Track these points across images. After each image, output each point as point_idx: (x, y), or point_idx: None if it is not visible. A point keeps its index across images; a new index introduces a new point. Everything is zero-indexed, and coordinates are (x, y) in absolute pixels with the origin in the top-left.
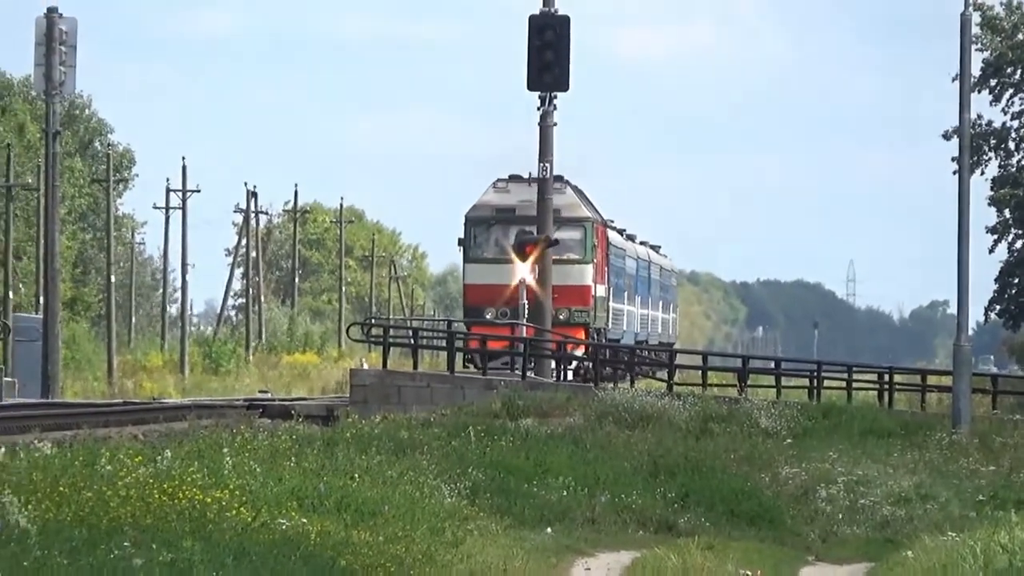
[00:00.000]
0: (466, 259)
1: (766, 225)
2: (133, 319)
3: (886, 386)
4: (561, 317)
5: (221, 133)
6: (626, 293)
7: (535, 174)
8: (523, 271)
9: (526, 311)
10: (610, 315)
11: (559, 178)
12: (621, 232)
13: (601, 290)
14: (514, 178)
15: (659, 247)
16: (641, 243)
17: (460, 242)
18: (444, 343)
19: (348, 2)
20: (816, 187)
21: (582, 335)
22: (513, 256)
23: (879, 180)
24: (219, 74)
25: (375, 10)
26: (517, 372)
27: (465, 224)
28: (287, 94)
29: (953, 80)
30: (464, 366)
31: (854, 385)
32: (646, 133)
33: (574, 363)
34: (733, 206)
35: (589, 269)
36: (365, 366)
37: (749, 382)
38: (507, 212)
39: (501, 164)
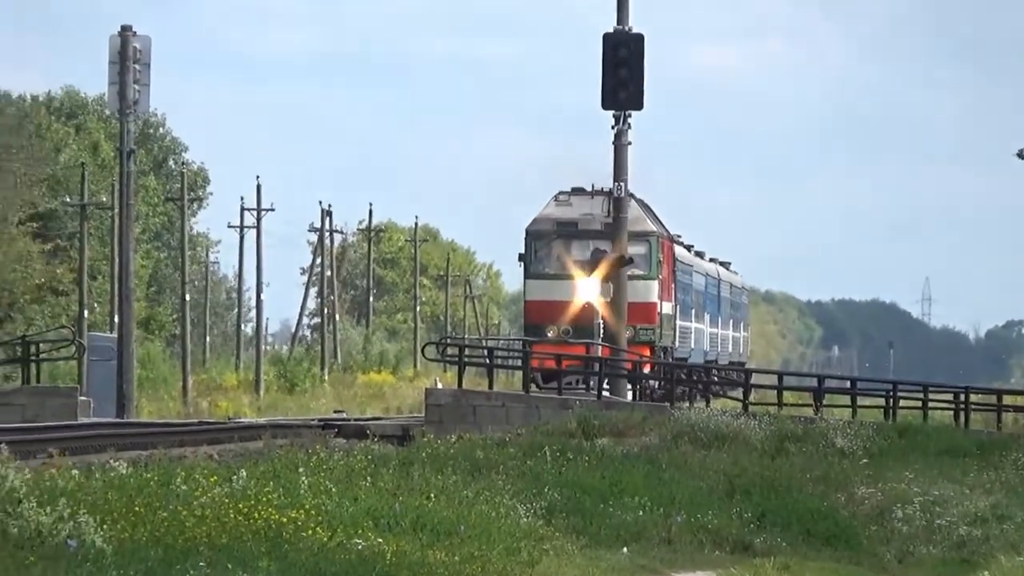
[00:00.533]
0: (527, 275)
1: (841, 244)
2: (208, 338)
3: (962, 406)
4: (626, 335)
5: (296, 152)
6: (694, 310)
7: (598, 186)
8: (587, 288)
9: (601, 330)
10: (677, 333)
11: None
12: (689, 248)
13: (667, 307)
14: (576, 191)
15: (729, 264)
16: (711, 260)
17: (520, 257)
18: (519, 362)
19: (419, 20)
20: (890, 205)
21: (647, 354)
22: (574, 272)
23: (954, 198)
24: (294, 92)
25: (446, 28)
26: (584, 390)
27: (526, 238)
28: (362, 112)
29: None
30: (525, 389)
31: (930, 405)
32: (719, 150)
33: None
34: (807, 224)
35: (655, 285)
36: (440, 386)
37: (825, 402)
38: (569, 226)
39: (575, 182)
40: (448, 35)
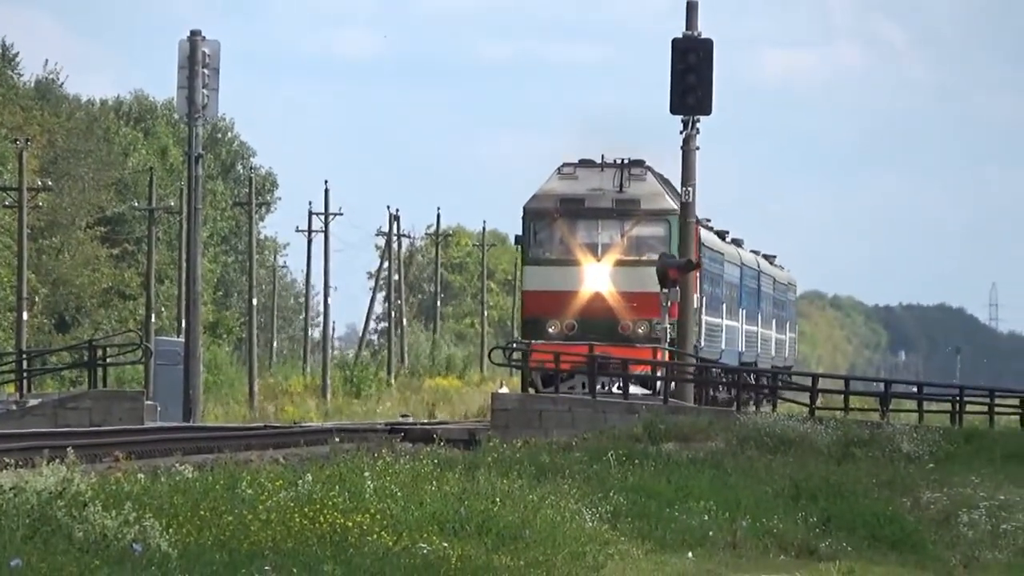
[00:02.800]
0: (525, 260)
1: (908, 249)
2: (275, 343)
3: None
4: (640, 331)
5: (363, 156)
6: (725, 305)
7: (609, 158)
8: (596, 275)
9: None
10: (703, 330)
11: (639, 163)
12: (722, 235)
13: (692, 299)
14: (584, 163)
15: (774, 257)
16: (751, 251)
17: (517, 240)
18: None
19: (486, 25)
20: (957, 210)
21: (663, 353)
22: (581, 256)
23: (1021, 203)
24: (361, 96)
25: (514, 32)
26: (584, 392)
27: (524, 217)
28: (430, 116)
29: None
30: (523, 389)
31: (996, 409)
32: (786, 155)
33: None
34: (875, 229)
35: None
36: (506, 390)
37: (891, 406)
38: (574, 203)
39: None
40: (515, 39)
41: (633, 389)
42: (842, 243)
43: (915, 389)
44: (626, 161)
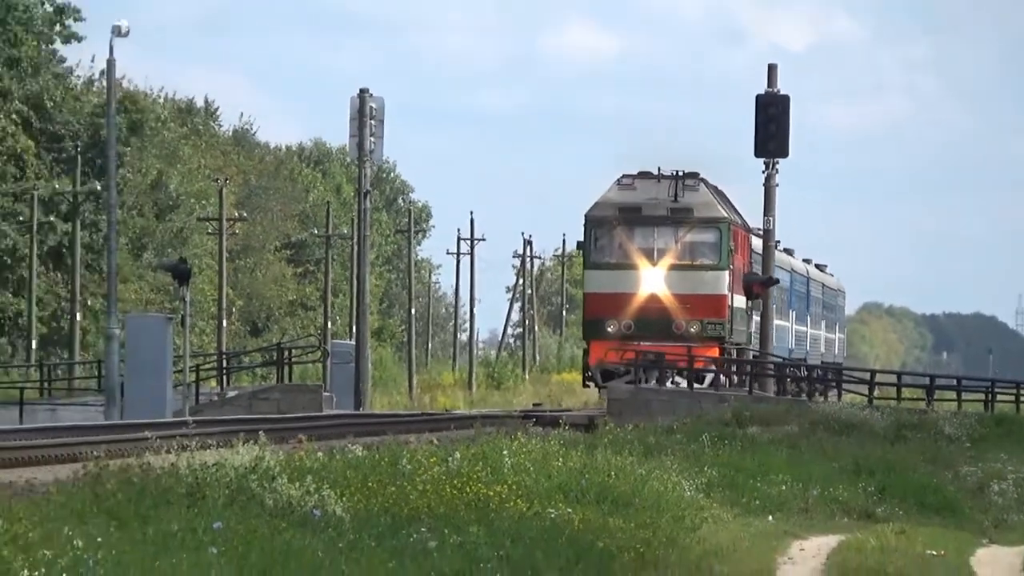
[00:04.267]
0: (586, 264)
1: (950, 265)
2: (429, 345)
3: None
4: (692, 330)
5: (503, 191)
6: (775, 306)
7: (665, 170)
8: (653, 278)
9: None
10: (752, 329)
11: (693, 175)
12: (783, 248)
13: (741, 302)
14: (642, 175)
15: (825, 266)
16: (804, 260)
17: (579, 245)
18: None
19: (598, 81)
20: (990, 233)
21: (716, 350)
22: (639, 261)
23: None
24: (500, 141)
25: (621, 88)
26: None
27: (585, 225)
28: (557, 159)
29: None
30: (584, 385)
31: (1022, 399)
32: (850, 189)
33: (708, 375)
34: (923, 249)
35: (725, 276)
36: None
37: (935, 397)
38: (632, 211)
39: None
40: (625, 94)
41: (684, 383)
42: (897, 261)
43: (955, 382)
44: (681, 173)
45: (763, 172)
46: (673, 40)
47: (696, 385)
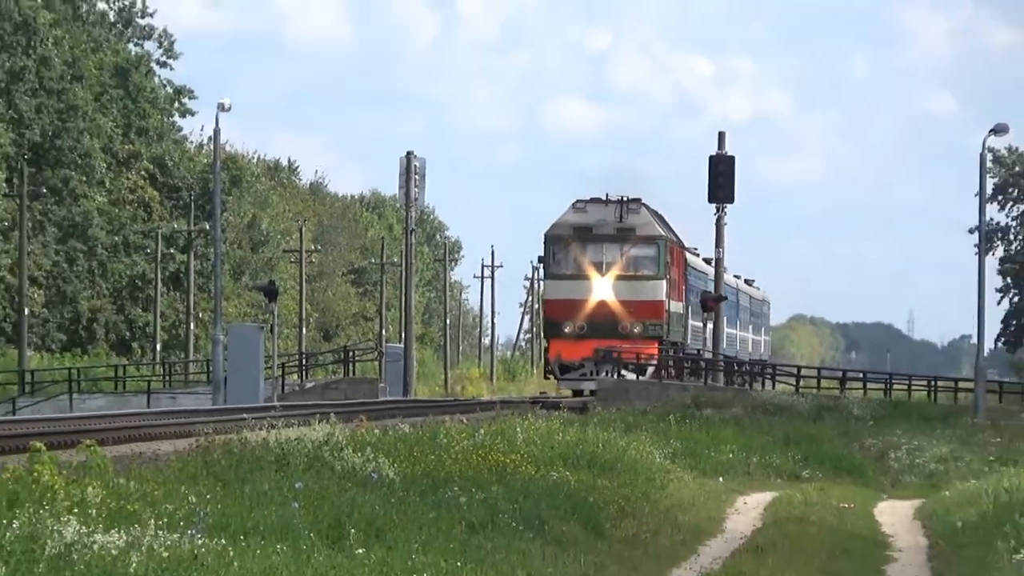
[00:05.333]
0: (546, 275)
1: (859, 284)
2: (460, 347)
3: (933, 389)
4: (635, 330)
5: (516, 228)
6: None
7: (613, 196)
8: (601, 287)
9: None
10: (688, 331)
11: (636, 200)
12: (708, 261)
13: (677, 306)
14: (594, 200)
15: (752, 280)
16: (734, 275)
17: (540, 260)
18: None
19: (587, 143)
20: (890, 258)
21: (656, 349)
22: (590, 272)
23: (929, 258)
24: (514, 189)
25: (605, 149)
26: (593, 379)
27: (545, 242)
28: (555, 202)
29: (975, 195)
30: (545, 377)
31: (912, 388)
32: (785, 226)
33: (647, 374)
34: (839, 271)
35: (663, 285)
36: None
37: (846, 387)
38: (584, 231)
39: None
40: (613, 156)
41: (629, 375)
42: (818, 281)
43: (861, 375)
44: (626, 198)
45: (715, 214)
46: (645, 113)
47: (640, 376)
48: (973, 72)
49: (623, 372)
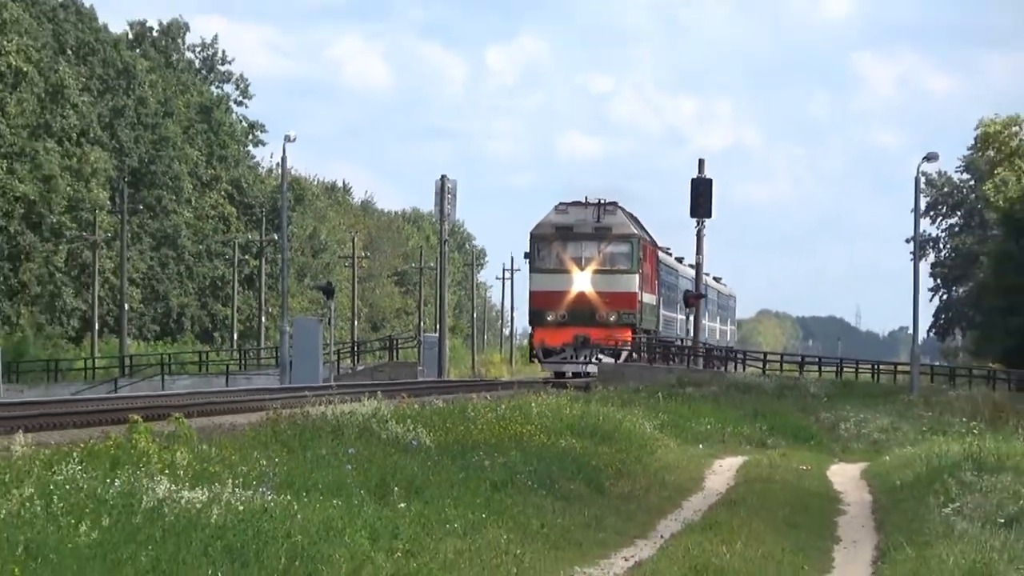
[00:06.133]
0: (531, 270)
1: (816, 284)
2: (484, 336)
3: (876, 371)
4: (611, 319)
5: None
6: (679, 304)
7: (592, 199)
8: (581, 280)
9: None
10: (660, 320)
11: (613, 203)
12: (680, 260)
13: (650, 298)
14: (575, 203)
15: (720, 278)
16: (704, 273)
17: (526, 255)
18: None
19: (589, 168)
20: (840, 263)
21: (629, 334)
22: (571, 267)
23: (874, 263)
24: (528, 207)
25: (604, 173)
26: (576, 362)
27: (530, 240)
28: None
29: (911, 212)
30: (530, 360)
31: (859, 371)
32: (752, 236)
33: (621, 358)
34: (799, 274)
35: (635, 278)
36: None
37: (804, 369)
38: (565, 230)
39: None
40: (607, 177)
41: (606, 359)
42: (781, 281)
43: (817, 360)
44: (603, 201)
45: (696, 227)
46: (639, 143)
47: (616, 360)
48: (914, 112)
49: (600, 356)
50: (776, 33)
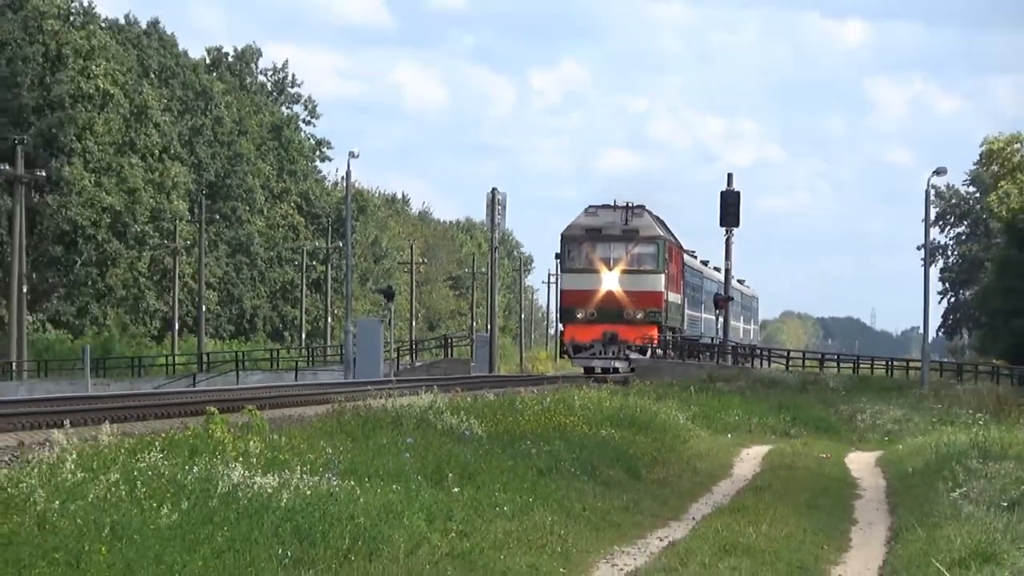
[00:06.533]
0: (562, 270)
1: (835, 288)
2: (531, 335)
3: (890, 367)
4: (638, 316)
5: None
6: (703, 304)
7: (620, 203)
8: (609, 279)
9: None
10: (685, 318)
11: (640, 206)
12: (705, 263)
13: (675, 297)
14: (604, 206)
15: (744, 280)
16: (737, 279)
17: (557, 256)
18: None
19: (627, 182)
20: (857, 271)
21: (655, 331)
22: (600, 267)
23: (888, 268)
24: (571, 217)
25: (640, 187)
26: (604, 357)
27: (561, 241)
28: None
29: (921, 221)
30: (560, 356)
31: (875, 367)
32: (781, 243)
33: (647, 353)
34: (820, 278)
35: (661, 278)
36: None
37: (824, 366)
38: (594, 232)
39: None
40: (644, 192)
41: (634, 355)
42: (804, 284)
43: (836, 357)
44: (631, 204)
45: (724, 236)
46: (673, 159)
47: (642, 355)
48: (923, 130)
49: (627, 352)
50: (797, 59)
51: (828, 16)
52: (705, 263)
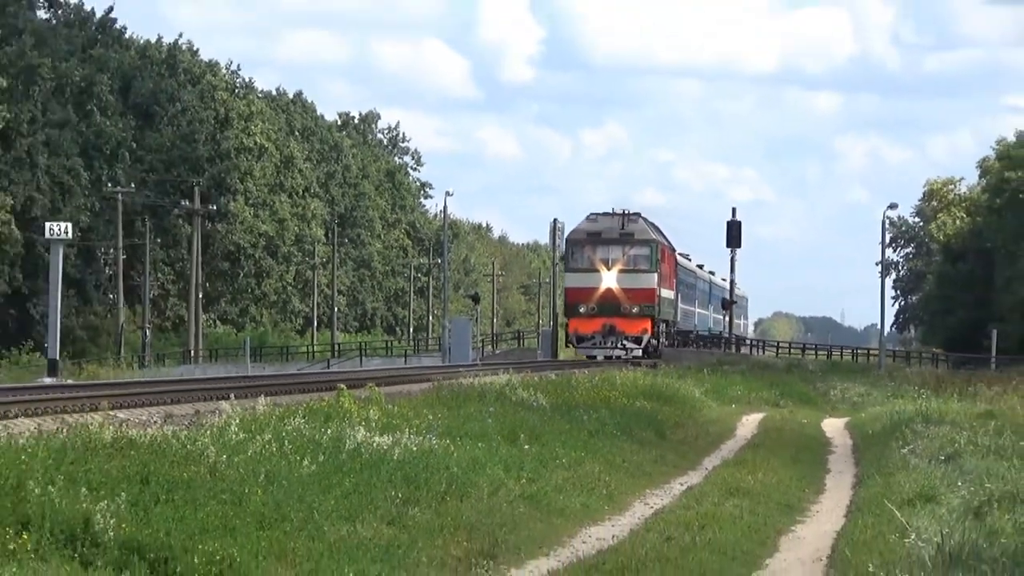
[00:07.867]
0: (566, 269)
1: (812, 293)
2: None
3: (855, 355)
4: (634, 311)
5: None
6: (696, 301)
7: (618, 211)
8: (608, 278)
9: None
10: (678, 312)
11: (637, 214)
12: (700, 265)
13: (668, 294)
14: (604, 213)
15: (734, 281)
16: (722, 279)
17: (562, 258)
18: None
19: (656, 216)
20: (832, 278)
21: (649, 324)
22: (599, 267)
23: (854, 280)
24: None
25: (669, 221)
26: (604, 347)
27: (566, 244)
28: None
29: (878, 244)
30: (565, 345)
31: (843, 354)
32: (771, 260)
33: (642, 343)
34: (804, 284)
35: (654, 276)
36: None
37: (805, 353)
38: (595, 236)
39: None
40: (671, 221)
41: (630, 344)
42: (791, 288)
43: (814, 347)
44: (628, 211)
45: (730, 255)
46: (690, 198)
47: (636, 344)
48: (879, 175)
49: (624, 342)
50: (784, 121)
51: (807, 89)
52: (700, 266)
